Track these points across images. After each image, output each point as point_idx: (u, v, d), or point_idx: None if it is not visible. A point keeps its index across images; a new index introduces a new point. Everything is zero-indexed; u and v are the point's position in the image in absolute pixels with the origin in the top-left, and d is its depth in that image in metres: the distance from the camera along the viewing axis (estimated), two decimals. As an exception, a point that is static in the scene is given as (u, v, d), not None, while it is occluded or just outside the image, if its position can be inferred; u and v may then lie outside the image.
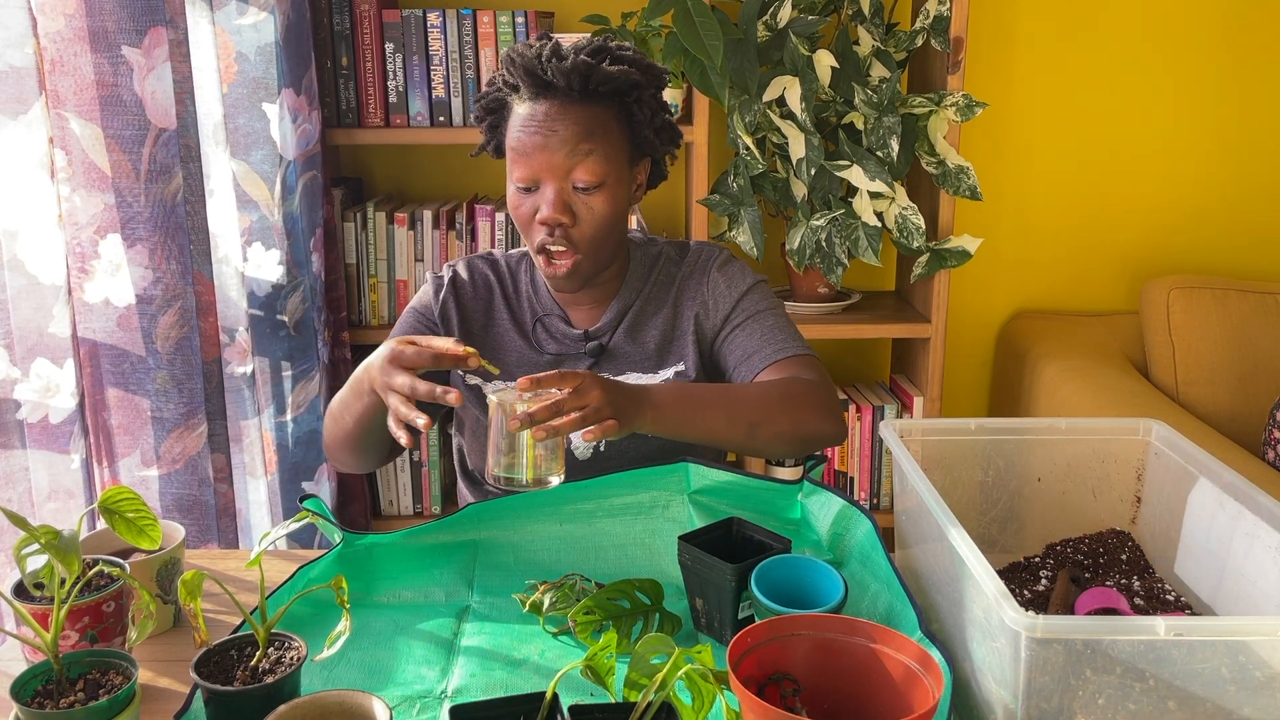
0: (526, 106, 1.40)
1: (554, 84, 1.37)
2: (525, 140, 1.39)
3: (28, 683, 0.97)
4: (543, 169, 1.38)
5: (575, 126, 1.37)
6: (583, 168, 1.38)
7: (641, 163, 1.48)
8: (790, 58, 2.23)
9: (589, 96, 1.38)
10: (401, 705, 1.04)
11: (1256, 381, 2.40)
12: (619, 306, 1.52)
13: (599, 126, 1.38)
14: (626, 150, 1.43)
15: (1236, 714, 0.92)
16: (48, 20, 1.71)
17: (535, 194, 1.41)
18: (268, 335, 2.12)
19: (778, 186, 2.35)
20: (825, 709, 0.97)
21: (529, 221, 1.42)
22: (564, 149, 1.37)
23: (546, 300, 1.54)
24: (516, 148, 1.40)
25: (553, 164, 1.38)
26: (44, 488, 1.75)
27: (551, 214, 1.39)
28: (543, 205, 1.39)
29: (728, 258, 1.56)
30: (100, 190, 1.80)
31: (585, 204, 1.40)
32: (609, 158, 1.40)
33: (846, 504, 1.28)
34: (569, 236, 1.40)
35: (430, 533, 1.34)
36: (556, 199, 1.39)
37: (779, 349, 1.47)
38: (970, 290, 2.75)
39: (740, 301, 1.52)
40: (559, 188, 1.39)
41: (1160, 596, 1.21)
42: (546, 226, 1.40)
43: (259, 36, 2.01)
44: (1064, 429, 1.34)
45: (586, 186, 1.39)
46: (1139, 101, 2.65)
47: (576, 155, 1.37)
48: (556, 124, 1.37)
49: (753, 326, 1.50)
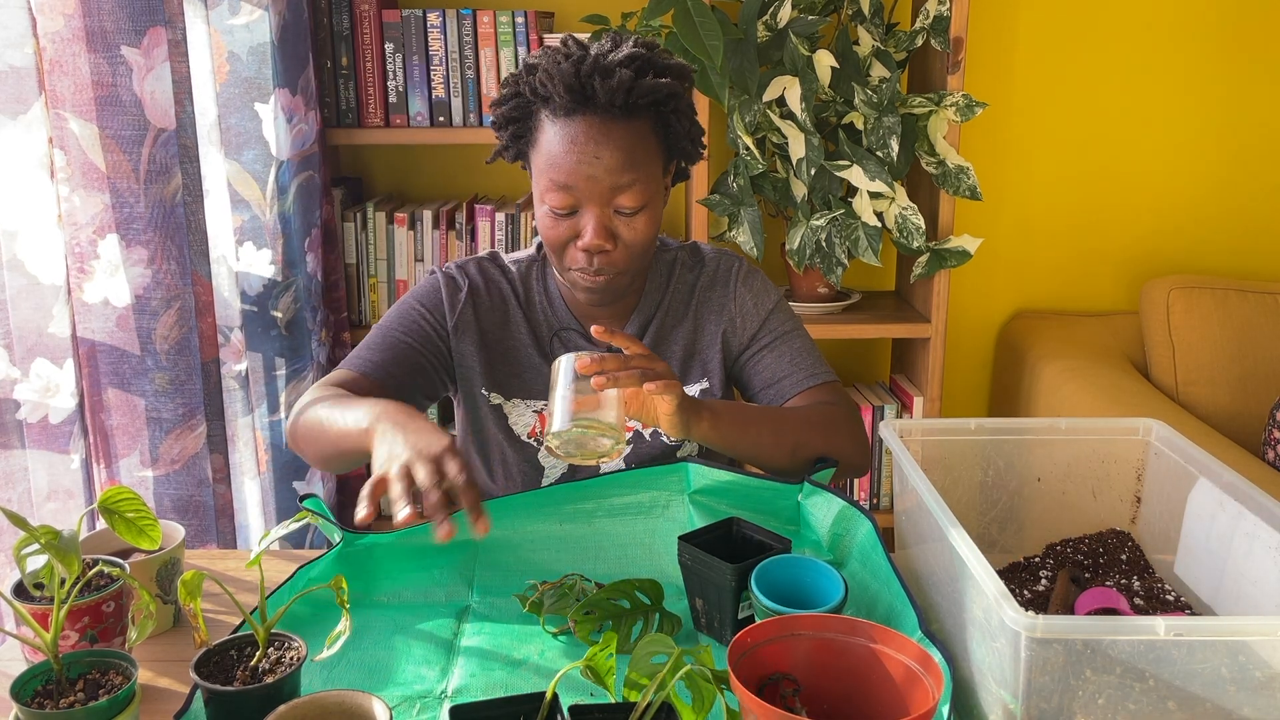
0: (561, 125, 1.30)
1: (596, 99, 1.28)
2: (564, 163, 1.29)
3: (28, 683, 0.96)
4: (585, 195, 1.30)
5: (619, 151, 1.29)
6: (627, 194, 1.30)
7: (670, 168, 1.41)
8: (790, 58, 2.23)
9: (631, 112, 1.30)
10: (401, 705, 1.04)
11: (1256, 381, 2.40)
12: (640, 320, 1.48)
13: (640, 146, 1.31)
14: (661, 163, 1.36)
15: (1236, 714, 0.92)
16: (47, 20, 1.71)
17: (572, 218, 1.33)
18: (259, 334, 2.12)
19: (778, 186, 2.35)
20: (825, 709, 0.97)
21: (565, 244, 1.34)
22: (608, 176, 1.29)
23: (563, 313, 1.48)
24: (553, 170, 1.31)
25: (596, 191, 1.30)
26: (43, 488, 1.75)
27: (595, 240, 1.31)
28: (585, 231, 1.32)
29: (749, 270, 1.51)
30: (99, 190, 1.80)
31: (628, 225, 1.33)
32: (651, 177, 1.33)
33: (846, 504, 1.28)
34: (611, 260, 1.34)
35: (430, 533, 1.34)
36: (598, 225, 1.31)
37: (809, 374, 1.46)
38: (970, 290, 2.75)
39: (767, 321, 1.49)
40: (599, 212, 1.31)
41: (1160, 596, 1.21)
42: (586, 253, 1.33)
43: (252, 36, 2.01)
44: (1064, 429, 1.34)
45: (630, 210, 1.32)
46: (1139, 101, 2.65)
47: (621, 182, 1.29)
48: (601, 149, 1.28)
49: (781, 349, 1.47)
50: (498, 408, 1.48)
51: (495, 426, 1.48)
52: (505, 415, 1.48)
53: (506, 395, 1.48)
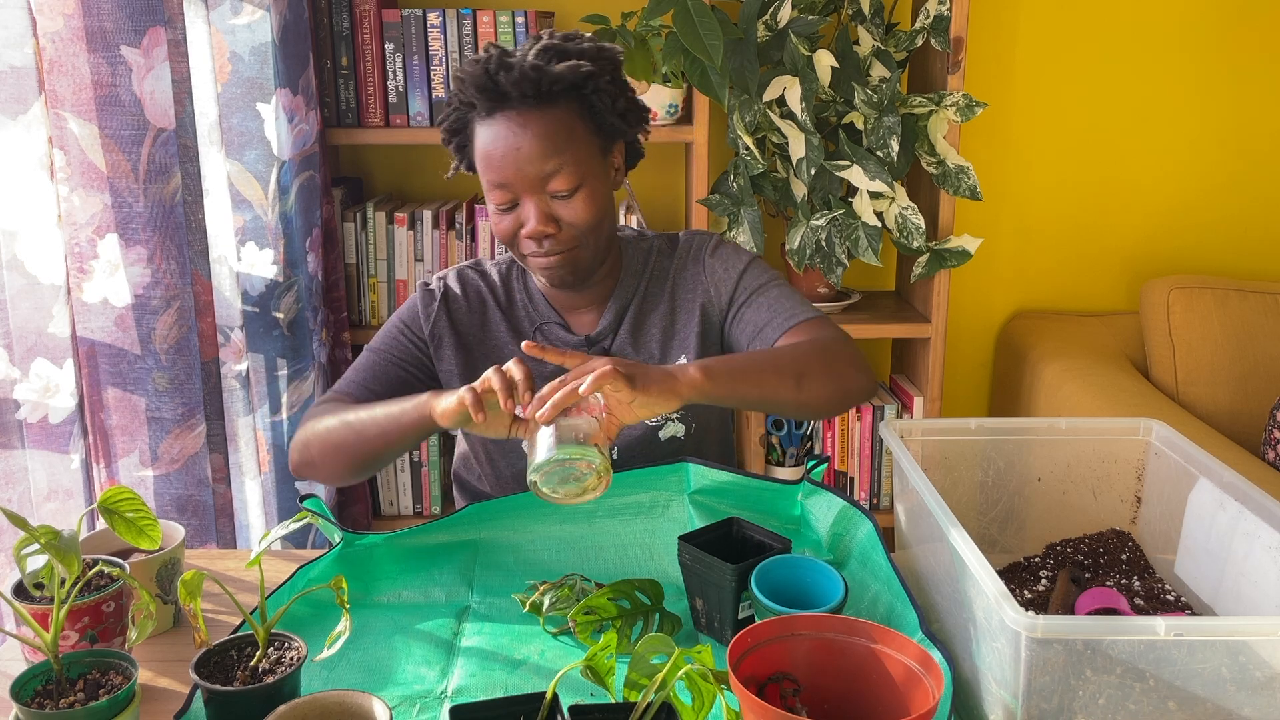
0: (487, 125, 1.37)
1: (508, 94, 1.34)
2: (493, 160, 1.36)
3: (28, 683, 0.96)
4: (517, 187, 1.36)
5: (539, 138, 1.34)
6: (557, 178, 1.35)
7: (615, 148, 1.45)
8: (790, 58, 2.23)
9: (546, 99, 1.35)
10: (401, 705, 1.04)
11: (1256, 381, 2.40)
12: (616, 307, 1.51)
13: (563, 130, 1.35)
14: (596, 143, 1.40)
15: (1236, 714, 0.92)
16: (47, 20, 1.71)
17: (515, 211, 1.39)
18: (261, 334, 2.12)
19: (778, 186, 2.35)
20: (825, 709, 0.97)
21: (513, 237, 1.40)
22: (533, 163, 1.34)
23: (543, 308, 1.52)
24: (486, 169, 1.38)
25: (526, 180, 1.35)
26: (43, 488, 1.75)
27: (536, 227, 1.37)
28: (526, 221, 1.37)
29: (718, 241, 1.54)
30: (99, 190, 1.80)
31: (567, 207, 1.37)
32: (580, 159, 1.37)
33: (847, 504, 1.28)
34: (558, 240, 1.39)
35: (430, 533, 1.34)
36: (537, 212, 1.37)
37: (790, 316, 1.44)
38: (970, 290, 2.75)
39: (741, 280, 1.50)
40: (537, 200, 1.37)
41: (1160, 596, 1.21)
42: (533, 240, 1.39)
43: (253, 36, 2.01)
44: (1064, 429, 1.34)
45: (565, 193, 1.37)
46: (1139, 101, 2.65)
47: (548, 168, 1.35)
48: (520, 140, 1.34)
49: (759, 301, 1.47)
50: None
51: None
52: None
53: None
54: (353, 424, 1.37)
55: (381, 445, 1.35)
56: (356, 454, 1.38)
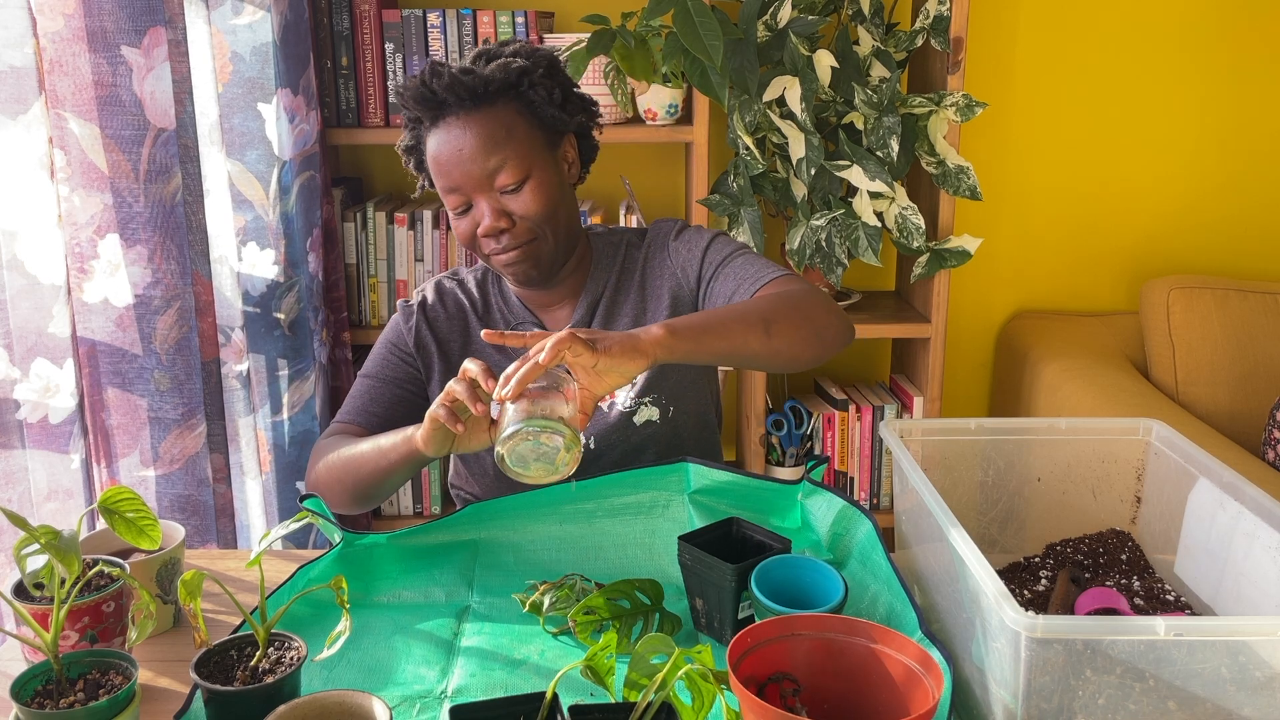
0: (433, 133, 1.43)
1: (445, 101, 1.40)
2: (441, 165, 1.42)
3: (28, 683, 0.96)
4: (467, 187, 1.41)
5: (479, 137, 1.39)
6: (502, 173, 1.40)
7: (564, 141, 1.48)
8: (790, 58, 2.23)
9: (483, 100, 1.40)
10: (401, 705, 1.04)
11: (1256, 381, 2.40)
12: (588, 301, 1.54)
13: (501, 127, 1.40)
14: (540, 136, 1.44)
15: (1236, 714, 0.92)
16: (47, 20, 1.71)
17: (470, 213, 1.43)
18: (262, 334, 2.12)
19: (778, 186, 2.35)
20: (825, 709, 0.97)
21: (473, 238, 1.45)
22: (476, 162, 1.39)
23: (519, 310, 1.56)
24: (437, 176, 1.43)
25: (472, 179, 1.40)
26: (43, 488, 1.75)
27: (490, 224, 1.41)
28: (480, 220, 1.42)
29: (682, 225, 1.57)
30: (99, 190, 1.80)
31: (517, 200, 1.42)
32: (522, 152, 1.41)
33: (847, 504, 1.28)
34: (515, 235, 1.43)
35: (430, 533, 1.34)
36: (489, 209, 1.41)
37: (757, 279, 1.42)
38: (970, 290, 2.75)
39: (705, 256, 1.51)
40: (487, 198, 1.41)
41: (1160, 596, 1.21)
42: (490, 238, 1.43)
43: (254, 36, 2.01)
44: (1064, 429, 1.34)
45: (513, 187, 1.41)
46: (1139, 101, 2.65)
47: (490, 165, 1.39)
48: (462, 141, 1.40)
49: (725, 272, 1.48)
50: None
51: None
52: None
53: None
54: (349, 462, 1.41)
55: (378, 480, 1.40)
56: (357, 490, 1.42)
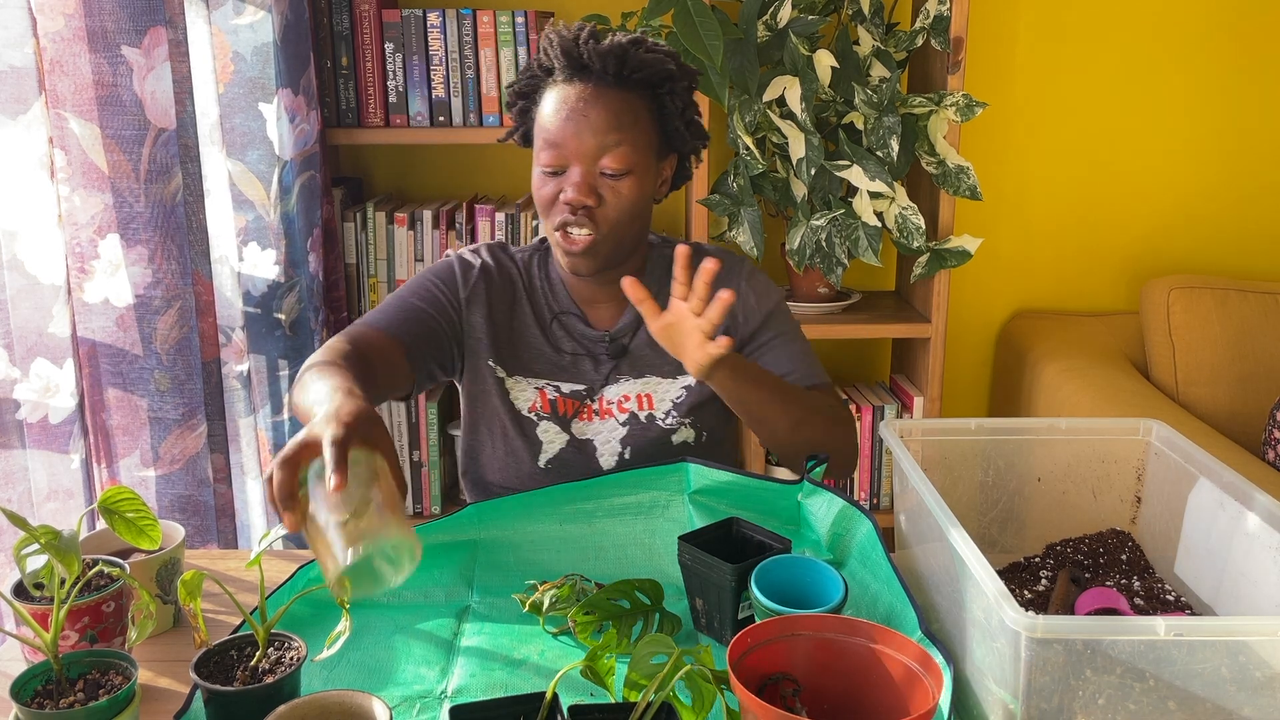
0: (559, 89, 1.39)
1: (589, 66, 1.37)
2: (556, 123, 1.38)
3: (28, 683, 0.96)
4: (572, 153, 1.38)
5: (607, 113, 1.37)
6: (612, 155, 1.37)
7: (668, 158, 1.47)
8: (790, 58, 2.23)
9: (623, 82, 1.38)
10: (401, 705, 1.04)
11: (1256, 381, 2.40)
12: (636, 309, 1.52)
13: (630, 114, 1.38)
14: (655, 142, 1.42)
15: (1236, 714, 0.92)
16: (47, 20, 1.71)
17: (561, 177, 1.40)
18: (263, 334, 2.12)
19: (778, 186, 2.35)
20: (825, 709, 0.97)
21: (552, 202, 1.41)
22: (595, 135, 1.37)
23: (564, 298, 1.53)
24: (546, 131, 1.39)
25: (582, 148, 1.37)
26: (43, 488, 1.75)
27: (577, 196, 1.37)
28: (568, 187, 1.38)
29: (753, 269, 1.56)
30: (99, 190, 1.80)
31: (612, 188, 1.39)
32: (638, 146, 1.39)
33: (847, 504, 1.28)
34: (592, 217, 1.39)
35: (430, 533, 1.34)
36: (583, 181, 1.38)
37: (808, 375, 1.49)
38: (970, 290, 2.75)
39: (769, 320, 1.52)
40: (586, 170, 1.38)
41: (1160, 596, 1.21)
42: (570, 206, 1.39)
43: (256, 36, 2.01)
44: (1064, 429, 1.34)
45: (614, 173, 1.38)
46: (1139, 101, 2.65)
47: (607, 141, 1.37)
48: (589, 109, 1.37)
49: (780, 349, 1.50)
50: (501, 380, 1.51)
51: (498, 399, 1.51)
52: (508, 390, 1.51)
53: (509, 371, 1.52)
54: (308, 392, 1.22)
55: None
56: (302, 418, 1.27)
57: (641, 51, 1.38)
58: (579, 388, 1.51)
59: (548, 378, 1.51)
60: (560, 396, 1.50)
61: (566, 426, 1.50)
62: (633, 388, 1.51)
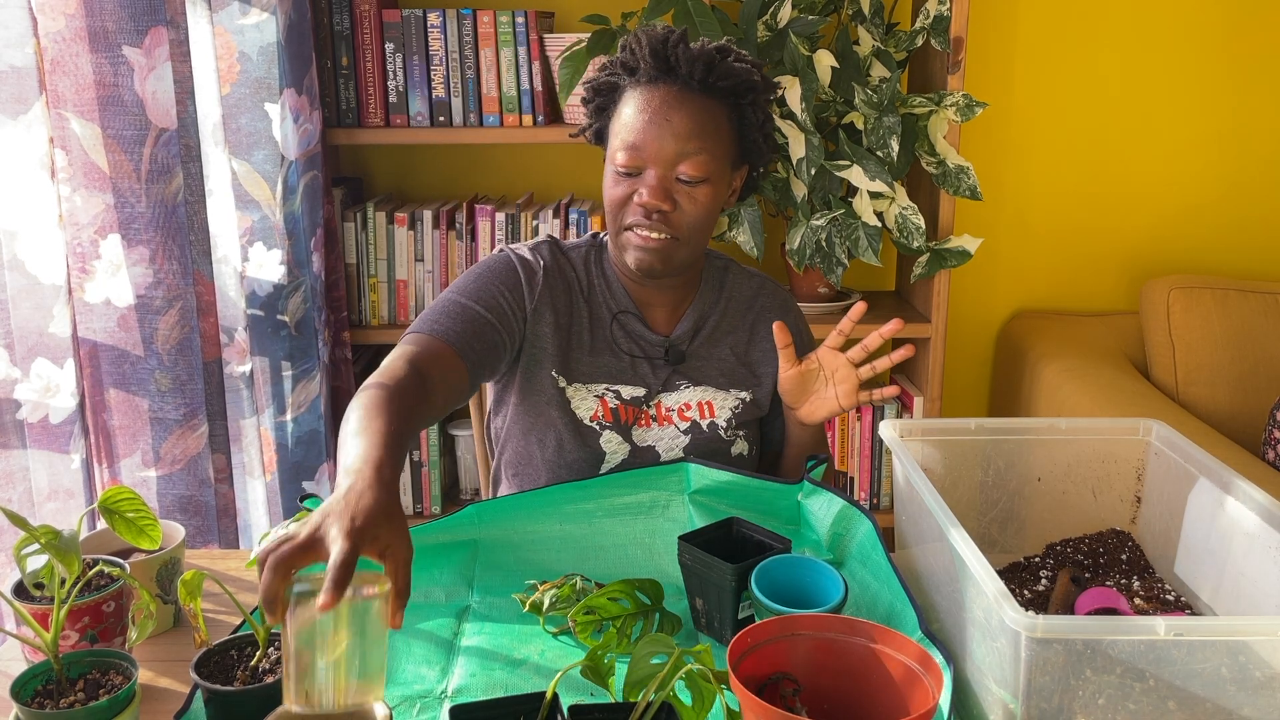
0: (642, 90, 1.38)
1: (676, 70, 1.36)
2: (638, 124, 1.36)
3: (28, 683, 0.97)
4: (651, 156, 1.36)
5: (690, 119, 1.36)
6: (690, 162, 1.36)
7: (741, 168, 1.46)
8: (790, 58, 2.23)
9: (707, 89, 1.37)
10: (401, 705, 1.04)
11: (1256, 381, 2.40)
12: (696, 315, 1.51)
13: (712, 122, 1.37)
14: (732, 152, 1.41)
15: (1236, 714, 0.92)
16: (48, 20, 1.71)
17: (635, 179, 1.38)
18: (268, 335, 2.12)
19: (778, 186, 2.35)
20: (825, 709, 0.97)
21: (623, 203, 1.39)
22: (675, 140, 1.35)
23: (621, 297, 1.49)
24: (626, 131, 1.37)
25: (662, 153, 1.36)
26: (44, 488, 1.75)
27: (652, 199, 1.36)
28: (643, 189, 1.36)
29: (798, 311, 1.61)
30: (100, 190, 1.80)
31: (687, 194, 1.38)
32: (716, 155, 1.38)
33: (847, 504, 1.28)
34: (667, 221, 1.38)
35: (430, 533, 1.34)
36: (659, 185, 1.36)
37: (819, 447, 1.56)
38: (970, 290, 2.75)
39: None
40: (663, 175, 1.37)
41: (1160, 596, 1.21)
42: (644, 210, 1.37)
43: (261, 36, 2.01)
44: (1064, 429, 1.34)
45: (691, 180, 1.37)
46: (1139, 101, 2.65)
47: (687, 148, 1.35)
48: (672, 113, 1.35)
49: None
50: (562, 390, 1.47)
51: (558, 411, 1.46)
52: (569, 399, 1.47)
53: (570, 379, 1.47)
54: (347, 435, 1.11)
55: None
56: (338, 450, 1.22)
57: (730, 60, 1.37)
58: (638, 393, 1.48)
59: (607, 381, 1.47)
60: (621, 404, 1.47)
61: (628, 435, 1.47)
62: (693, 395, 1.49)
